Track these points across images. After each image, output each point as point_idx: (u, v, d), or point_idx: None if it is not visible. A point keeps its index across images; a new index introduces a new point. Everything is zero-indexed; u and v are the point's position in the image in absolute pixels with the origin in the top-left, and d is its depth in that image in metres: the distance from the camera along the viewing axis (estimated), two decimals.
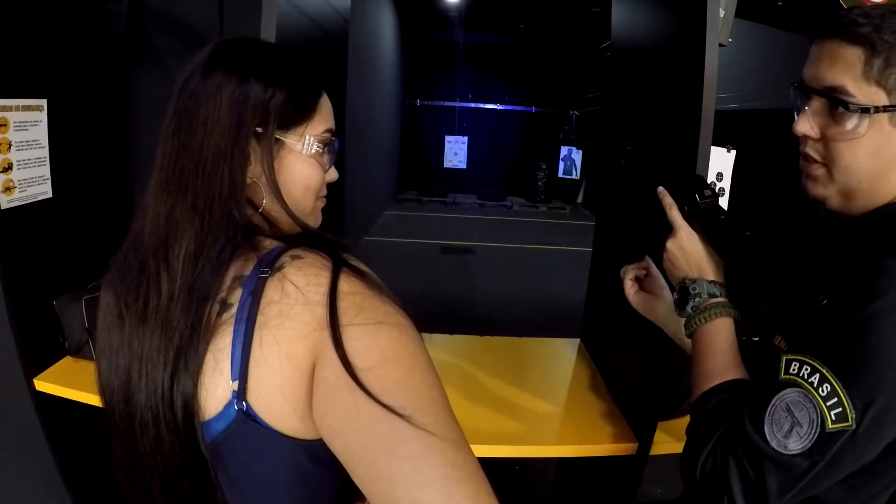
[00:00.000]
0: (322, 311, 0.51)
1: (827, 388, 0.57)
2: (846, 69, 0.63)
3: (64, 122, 1.29)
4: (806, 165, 0.71)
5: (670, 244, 0.82)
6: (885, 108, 0.62)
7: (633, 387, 1.25)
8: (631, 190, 0.87)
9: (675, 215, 0.83)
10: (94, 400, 1.18)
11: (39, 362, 1.25)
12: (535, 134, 11.59)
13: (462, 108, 11.56)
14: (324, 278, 0.53)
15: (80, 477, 1.32)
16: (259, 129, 0.59)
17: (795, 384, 0.59)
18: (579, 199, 11.46)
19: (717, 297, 0.78)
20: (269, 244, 0.57)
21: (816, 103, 0.67)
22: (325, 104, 0.66)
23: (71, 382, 1.22)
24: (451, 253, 6.75)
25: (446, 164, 10.94)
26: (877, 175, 0.65)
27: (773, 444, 0.59)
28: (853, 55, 0.62)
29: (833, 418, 0.56)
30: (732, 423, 0.64)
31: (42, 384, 1.21)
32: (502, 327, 4.08)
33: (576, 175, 10.76)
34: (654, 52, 1.24)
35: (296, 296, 0.52)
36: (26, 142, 1.20)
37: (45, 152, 1.25)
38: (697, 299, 0.79)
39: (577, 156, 10.51)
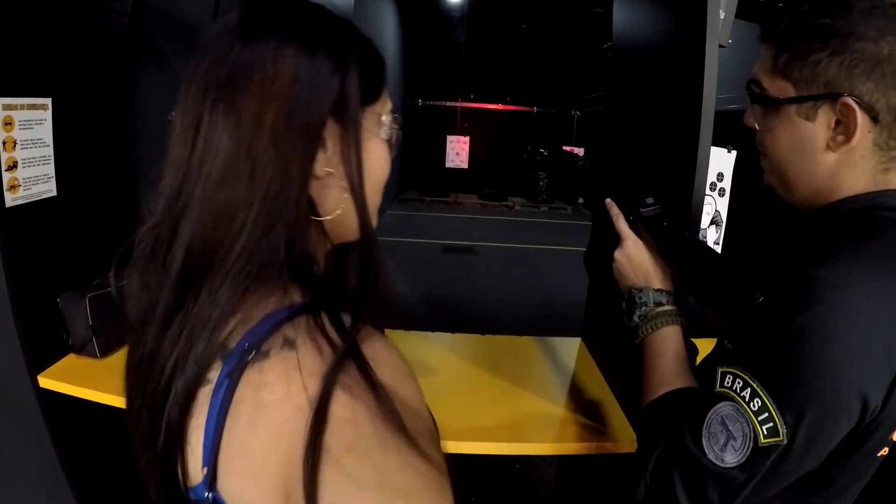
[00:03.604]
0: (297, 448, 0.38)
1: (758, 402, 0.56)
2: (761, 65, 0.67)
3: (68, 121, 1.30)
4: (760, 157, 0.73)
5: (617, 254, 0.84)
6: (791, 100, 0.63)
7: (634, 385, 1.26)
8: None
9: (622, 225, 0.84)
10: (96, 397, 1.19)
11: (43, 359, 1.26)
12: (536, 134, 11.59)
13: (464, 108, 11.58)
14: (311, 391, 0.39)
15: (83, 473, 1.32)
16: (338, 114, 0.46)
17: (729, 398, 0.59)
18: (580, 200, 11.45)
19: (663, 305, 0.79)
20: (280, 301, 0.45)
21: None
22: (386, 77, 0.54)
23: (74, 380, 1.23)
24: (453, 253, 6.75)
25: (448, 164, 10.95)
26: (801, 168, 0.65)
27: (711, 456, 0.59)
28: (766, 51, 0.66)
29: (765, 433, 0.56)
30: (674, 434, 0.64)
31: (45, 381, 1.22)
32: (503, 326, 4.09)
33: None
34: (655, 53, 1.24)
35: (269, 410, 0.40)
36: (31, 140, 1.21)
37: (50, 151, 1.26)
38: (644, 308, 0.80)
39: None
